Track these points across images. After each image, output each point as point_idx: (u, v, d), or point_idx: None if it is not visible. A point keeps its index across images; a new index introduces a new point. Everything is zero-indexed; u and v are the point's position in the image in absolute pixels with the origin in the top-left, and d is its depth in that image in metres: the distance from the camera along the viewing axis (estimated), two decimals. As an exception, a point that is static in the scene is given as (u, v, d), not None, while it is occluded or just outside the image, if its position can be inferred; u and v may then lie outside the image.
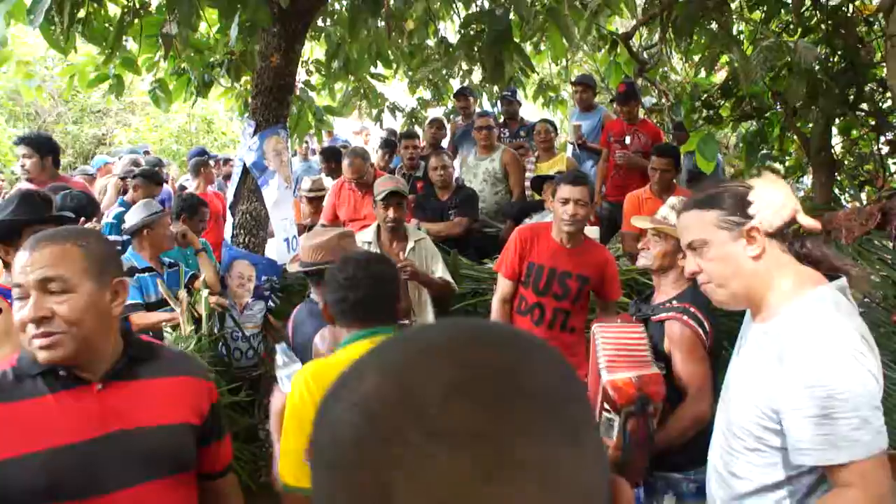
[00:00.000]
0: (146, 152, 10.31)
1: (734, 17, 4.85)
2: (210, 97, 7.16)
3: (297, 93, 6.01)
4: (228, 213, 4.64)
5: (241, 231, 4.47)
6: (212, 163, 7.54)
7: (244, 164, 4.40)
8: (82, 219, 3.62)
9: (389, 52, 6.46)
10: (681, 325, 2.50)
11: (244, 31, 4.11)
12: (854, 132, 5.37)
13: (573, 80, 7.01)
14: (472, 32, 4.31)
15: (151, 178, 5.46)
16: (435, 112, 7.53)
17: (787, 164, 5.99)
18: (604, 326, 2.58)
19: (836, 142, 5.53)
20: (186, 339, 3.55)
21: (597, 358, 2.42)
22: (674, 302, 2.56)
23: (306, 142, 8.25)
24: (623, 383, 2.27)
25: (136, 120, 13.80)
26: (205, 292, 3.88)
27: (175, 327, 3.79)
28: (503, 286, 3.62)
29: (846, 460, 1.53)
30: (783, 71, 4.24)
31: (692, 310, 2.54)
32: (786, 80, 3.97)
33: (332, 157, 6.65)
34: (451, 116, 7.64)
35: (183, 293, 3.82)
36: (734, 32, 4.78)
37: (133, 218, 4.08)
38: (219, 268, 4.45)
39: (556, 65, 8.00)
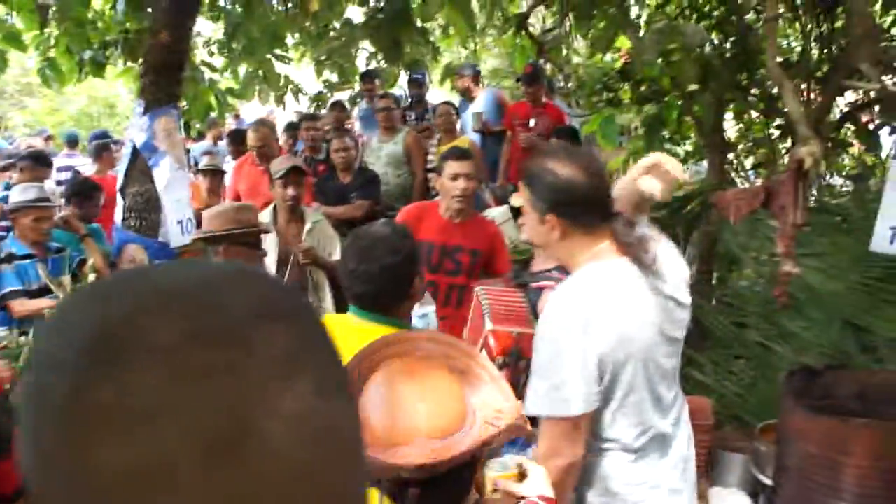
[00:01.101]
0: (48, 137, 9.89)
1: (633, 1, 4.94)
2: (110, 78, 6.90)
3: (194, 73, 5.84)
4: (119, 195, 4.47)
5: (132, 214, 4.31)
6: (114, 147, 7.26)
7: (134, 146, 4.24)
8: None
9: (295, 34, 6.35)
10: None
11: (131, 5, 3.94)
12: (746, 116, 5.54)
13: (451, 70, 7.08)
14: (370, 12, 4.24)
15: (38, 160, 5.22)
16: (341, 95, 7.43)
17: (685, 147, 6.15)
18: (488, 287, 2.69)
19: (732, 126, 5.71)
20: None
21: (481, 311, 2.53)
22: (553, 272, 2.63)
23: (215, 124, 8.03)
24: (503, 335, 2.38)
25: (33, 102, 13.18)
26: (91, 277, 3.74)
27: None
28: None
29: (533, 413, 1.74)
30: (676, 55, 4.33)
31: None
32: (678, 64, 4.06)
33: (238, 140, 6.50)
34: (357, 99, 7.56)
35: (66, 279, 3.66)
36: (633, 17, 4.85)
37: (12, 202, 3.93)
38: (112, 252, 4.30)
39: (465, 49, 8.01)
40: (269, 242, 3.98)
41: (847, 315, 4.15)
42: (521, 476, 1.47)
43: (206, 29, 6.77)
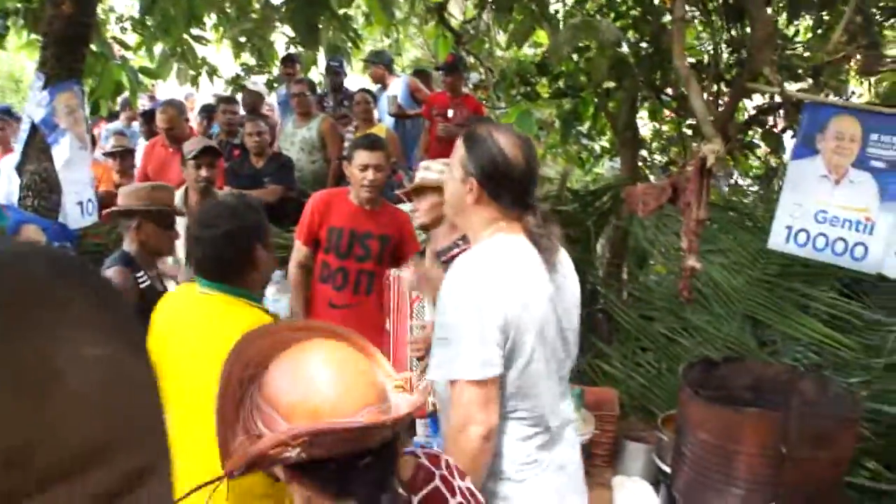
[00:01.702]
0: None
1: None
2: (12, 50, 6.56)
3: (103, 50, 5.61)
4: (14, 173, 4.25)
5: (30, 193, 4.10)
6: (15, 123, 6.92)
7: (32, 122, 4.04)
8: None
9: (213, 14, 6.19)
10: None
11: (32, -29, 3.75)
12: (660, 115, 5.68)
13: (364, 58, 7.08)
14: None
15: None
16: (260, 79, 7.28)
17: (601, 143, 6.27)
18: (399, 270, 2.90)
19: (646, 124, 5.84)
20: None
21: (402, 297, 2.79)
22: (460, 242, 2.65)
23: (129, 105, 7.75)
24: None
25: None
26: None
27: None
28: (299, 252, 3.60)
29: (444, 378, 1.78)
30: (591, 51, 4.40)
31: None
32: (592, 60, 4.13)
33: (151, 121, 6.30)
34: (276, 84, 7.43)
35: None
36: (552, 12, 4.90)
37: None
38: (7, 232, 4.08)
39: (388, 37, 7.96)
40: (180, 224, 3.89)
41: (747, 310, 4.30)
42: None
43: (119, 5, 6.52)
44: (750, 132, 5.43)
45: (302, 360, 1.20)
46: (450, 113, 5.78)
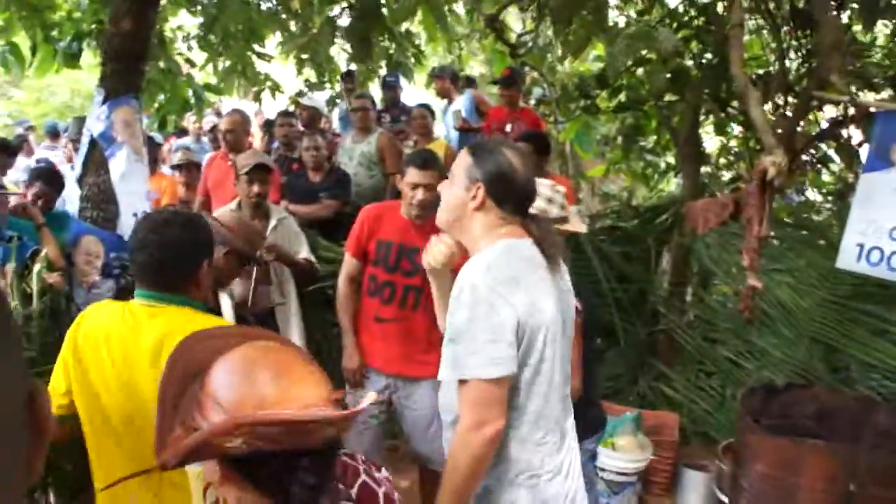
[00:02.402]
0: (30, 127, 9.80)
1: (612, 9, 4.86)
2: (88, 70, 6.80)
3: (170, 66, 5.75)
4: (76, 185, 4.36)
5: (89, 205, 4.20)
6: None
7: (91, 136, 4.14)
8: None
9: (276, 32, 6.28)
10: None
11: (95, -7, 3.85)
12: (727, 131, 5.47)
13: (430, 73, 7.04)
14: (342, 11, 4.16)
15: (2, 149, 5.14)
16: (322, 95, 7.34)
17: (666, 159, 6.07)
18: None
19: (712, 139, 5.64)
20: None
21: None
22: None
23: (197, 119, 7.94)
24: None
25: (19, 94, 13.09)
26: (36, 267, 3.62)
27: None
28: (348, 264, 3.56)
29: (456, 377, 1.78)
30: (650, 63, 4.25)
31: None
32: (650, 72, 3.98)
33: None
34: (337, 99, 7.48)
35: (9, 267, 3.55)
36: (612, 23, 4.77)
37: None
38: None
39: (450, 53, 7.96)
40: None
41: (816, 333, 4.07)
42: None
43: (188, 22, 6.67)
44: (823, 146, 5.18)
45: (247, 358, 1.19)
46: (508, 128, 5.69)
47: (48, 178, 4.46)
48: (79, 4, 5.43)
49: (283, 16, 6.13)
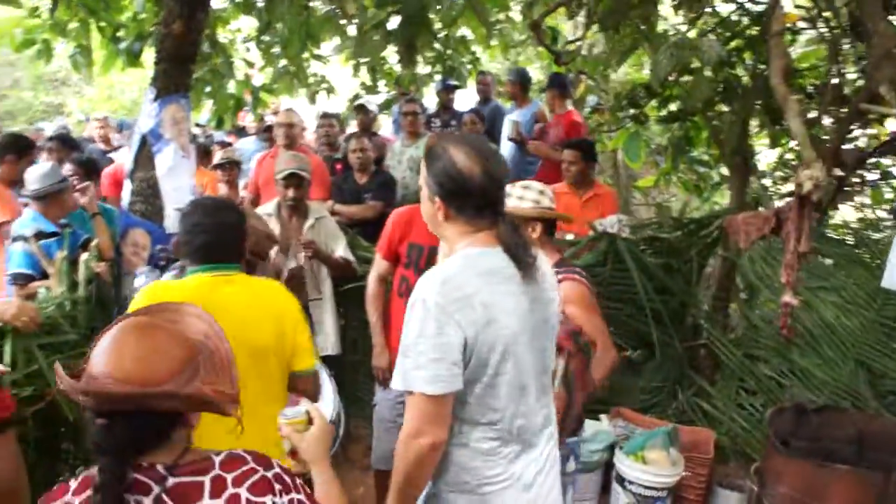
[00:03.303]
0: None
1: (661, 17, 4.78)
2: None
3: (229, 66, 5.90)
4: (126, 179, 4.52)
5: (139, 198, 4.35)
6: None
7: (142, 132, 4.29)
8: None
9: (334, 35, 6.37)
10: (576, 283, 2.83)
11: (151, -1, 3.99)
12: (783, 142, 5.31)
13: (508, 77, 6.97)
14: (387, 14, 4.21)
15: (64, 142, 5.34)
16: (378, 98, 7.42)
17: (719, 170, 5.94)
18: None
19: (762, 151, 5.49)
20: (50, 301, 3.40)
21: None
22: (559, 268, 2.64)
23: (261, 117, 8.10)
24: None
25: (91, 91, 13.61)
26: (84, 256, 3.76)
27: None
28: (379, 265, 3.61)
29: (400, 388, 1.79)
30: (696, 72, 4.16)
31: (580, 271, 2.96)
32: (693, 81, 3.90)
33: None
34: (392, 103, 7.54)
35: (59, 256, 3.69)
36: (661, 31, 4.70)
37: (43, 182, 3.94)
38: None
39: (507, 59, 7.95)
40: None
41: (861, 355, 3.91)
42: (310, 422, 1.70)
43: (247, 25, 6.84)
44: (884, 161, 4.99)
45: (109, 335, 1.39)
46: (552, 133, 5.67)
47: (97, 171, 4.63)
48: (142, 6, 5.62)
49: (342, 21, 6.25)
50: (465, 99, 7.67)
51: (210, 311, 1.62)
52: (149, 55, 5.08)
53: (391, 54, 6.50)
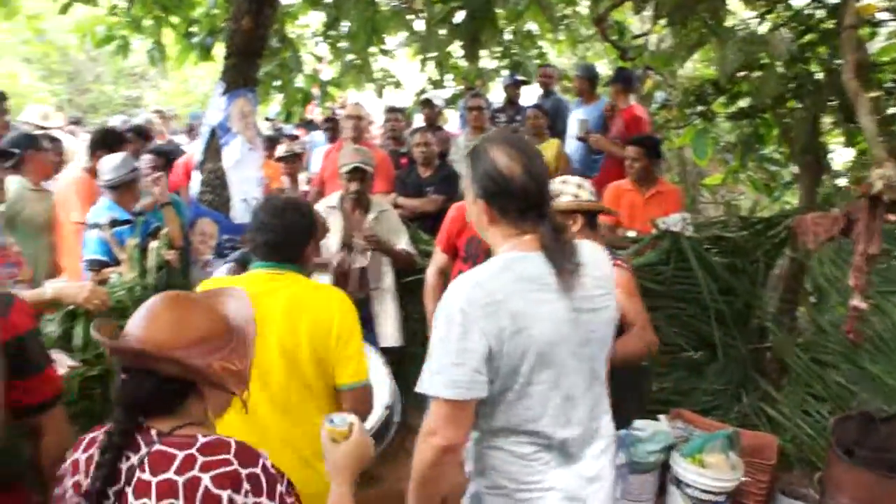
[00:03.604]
0: (173, 116, 10.52)
1: (730, 12, 4.66)
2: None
3: (297, 61, 6.01)
4: (196, 171, 4.65)
5: (207, 189, 4.48)
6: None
7: (211, 125, 4.41)
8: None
9: (401, 30, 6.43)
10: (621, 269, 2.84)
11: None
12: (858, 141, 5.12)
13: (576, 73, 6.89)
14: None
15: (140, 133, 5.54)
16: (444, 93, 7.44)
17: (791, 170, 5.76)
18: None
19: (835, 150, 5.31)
20: (121, 286, 3.53)
21: None
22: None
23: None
24: None
25: (168, 84, 14.05)
26: (154, 243, 3.89)
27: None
28: (438, 258, 3.65)
29: (420, 391, 1.77)
30: (765, 67, 4.05)
31: (624, 257, 3.03)
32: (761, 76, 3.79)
33: (335, 127, 6.72)
34: (461, 97, 7.56)
35: (130, 243, 3.83)
36: (730, 25, 4.57)
37: (117, 171, 4.10)
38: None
39: (575, 55, 7.88)
40: (334, 224, 4.10)
41: (936, 363, 3.75)
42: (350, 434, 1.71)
43: (316, 20, 6.95)
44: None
45: (145, 305, 1.52)
46: (613, 127, 5.60)
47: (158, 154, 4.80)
48: (214, 3, 5.77)
49: (409, 16, 6.29)
50: (531, 94, 7.62)
51: (252, 306, 1.69)
52: (220, 50, 5.21)
53: (458, 49, 6.51)
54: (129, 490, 1.37)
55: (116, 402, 1.44)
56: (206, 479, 1.35)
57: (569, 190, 2.88)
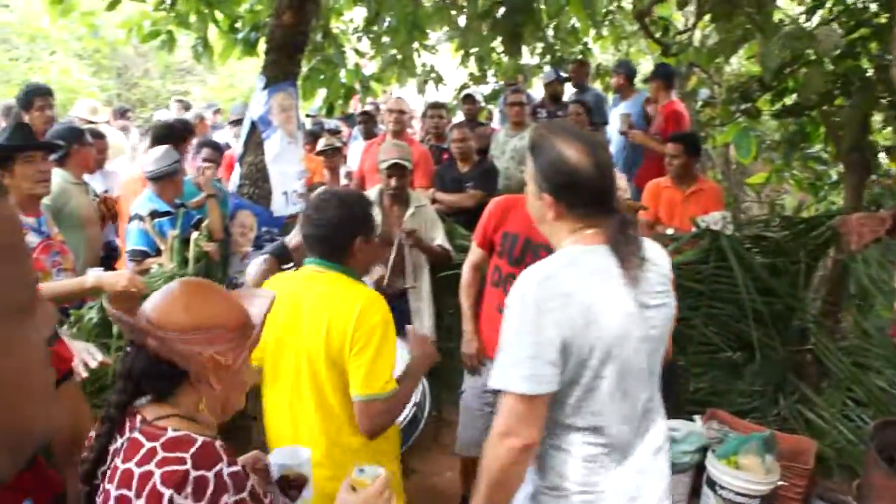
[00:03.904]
0: (217, 111, 10.69)
1: (777, 7, 4.56)
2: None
3: (340, 55, 6.05)
4: (236, 164, 4.72)
5: (247, 182, 4.54)
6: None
7: (252, 118, 4.47)
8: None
9: (443, 26, 6.44)
10: None
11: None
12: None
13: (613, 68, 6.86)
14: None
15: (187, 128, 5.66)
16: (485, 89, 7.44)
17: (838, 168, 5.63)
18: None
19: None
20: (162, 276, 3.61)
21: None
22: None
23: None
24: None
25: (214, 79, 14.27)
26: (194, 235, 3.97)
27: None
28: (474, 253, 3.63)
29: (493, 387, 1.73)
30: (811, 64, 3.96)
31: None
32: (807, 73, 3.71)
33: (370, 120, 6.78)
34: (502, 93, 7.54)
35: (171, 234, 3.90)
36: (775, 21, 4.48)
37: (159, 164, 4.18)
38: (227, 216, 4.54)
39: (618, 50, 7.80)
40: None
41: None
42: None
43: (359, 16, 7.00)
44: None
45: (162, 288, 1.55)
46: (653, 123, 5.55)
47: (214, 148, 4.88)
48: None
49: (452, 12, 6.30)
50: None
51: (279, 302, 1.70)
52: (265, 45, 5.27)
53: (500, 45, 6.51)
54: (108, 473, 1.40)
55: (118, 373, 1.49)
56: (157, 475, 1.32)
57: None
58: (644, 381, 1.83)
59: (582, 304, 1.67)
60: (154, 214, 4.07)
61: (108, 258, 4.60)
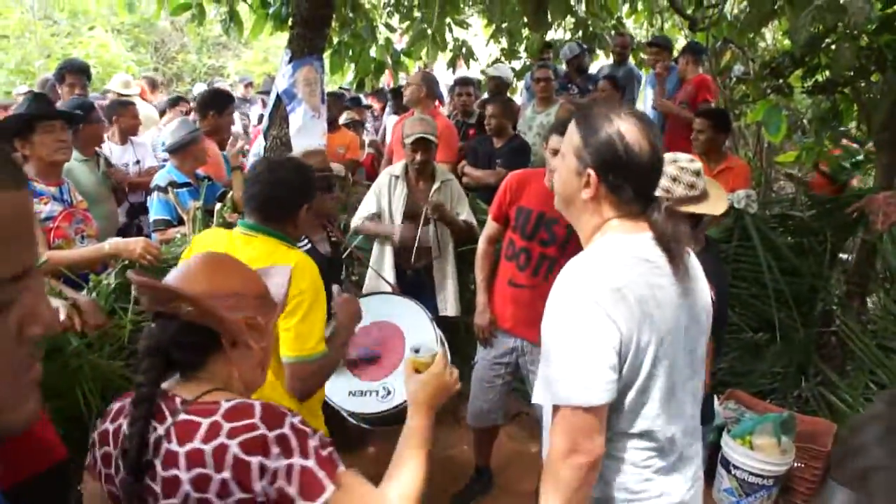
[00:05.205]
0: (248, 84, 10.78)
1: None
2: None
3: (372, 31, 6.05)
4: (261, 136, 4.77)
5: (271, 155, 4.58)
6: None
7: (277, 92, 4.50)
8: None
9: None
10: None
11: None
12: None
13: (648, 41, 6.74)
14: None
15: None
16: (516, 63, 7.38)
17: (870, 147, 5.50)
18: None
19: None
20: (181, 242, 3.67)
21: None
22: None
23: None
24: None
25: (249, 54, 14.38)
26: (218, 206, 4.02)
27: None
28: (489, 226, 3.62)
29: (549, 403, 1.59)
30: (840, 37, 3.85)
31: None
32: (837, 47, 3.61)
33: (399, 97, 6.78)
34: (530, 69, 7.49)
35: (193, 206, 3.96)
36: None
37: (175, 135, 4.24)
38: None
39: (652, 26, 7.69)
40: (398, 195, 4.15)
41: None
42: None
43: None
44: None
45: (183, 261, 1.60)
46: (681, 93, 5.49)
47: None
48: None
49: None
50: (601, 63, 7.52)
51: None
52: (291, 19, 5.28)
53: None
54: (157, 461, 1.33)
55: (142, 352, 1.42)
56: (233, 446, 1.29)
57: None
58: (689, 375, 1.72)
59: (636, 297, 1.55)
60: (173, 185, 4.13)
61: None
